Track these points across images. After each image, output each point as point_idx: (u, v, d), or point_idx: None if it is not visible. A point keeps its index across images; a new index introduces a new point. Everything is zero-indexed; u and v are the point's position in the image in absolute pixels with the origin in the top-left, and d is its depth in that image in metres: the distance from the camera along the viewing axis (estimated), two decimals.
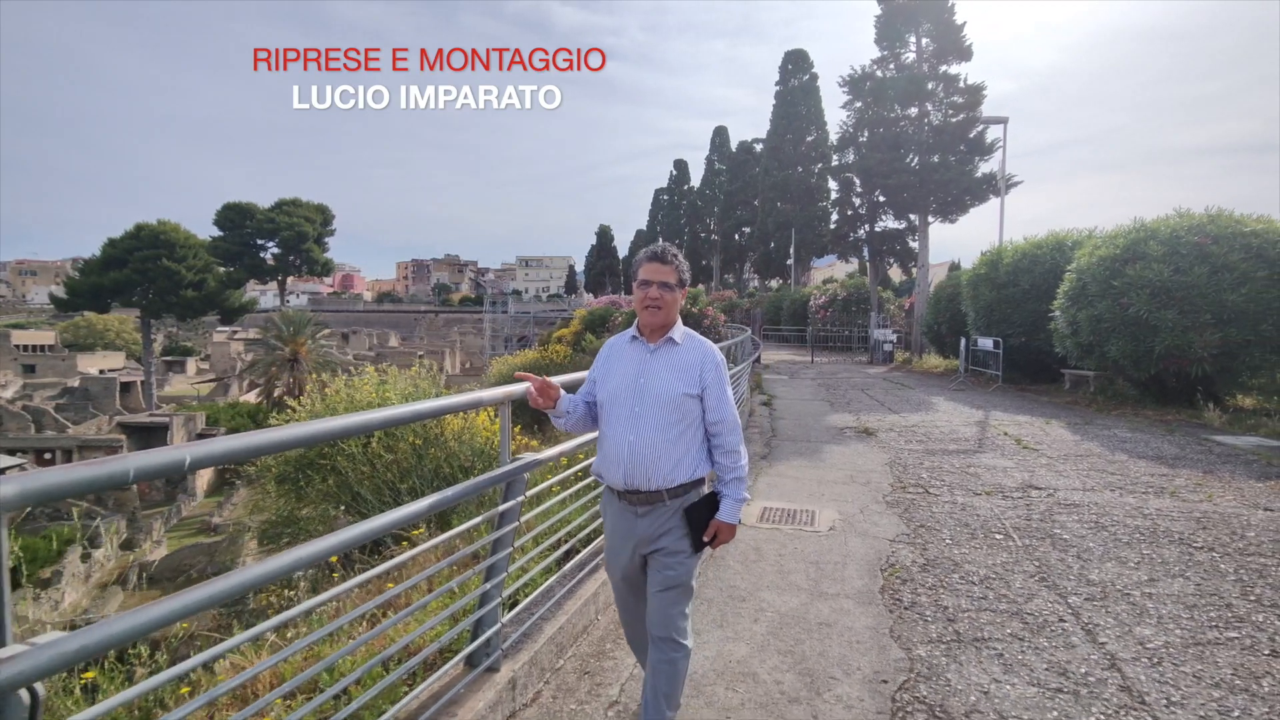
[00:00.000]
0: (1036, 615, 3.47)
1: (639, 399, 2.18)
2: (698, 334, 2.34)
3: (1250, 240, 9.47)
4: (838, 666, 3.00)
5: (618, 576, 2.34)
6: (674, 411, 2.16)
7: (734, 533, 2.26)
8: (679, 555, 2.19)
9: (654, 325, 2.23)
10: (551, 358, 19.85)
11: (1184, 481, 6.17)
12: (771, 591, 3.83)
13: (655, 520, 2.19)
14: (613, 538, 2.31)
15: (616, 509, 2.28)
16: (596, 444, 2.34)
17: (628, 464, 2.16)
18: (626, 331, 2.35)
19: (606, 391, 2.27)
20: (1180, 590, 3.75)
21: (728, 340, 11.63)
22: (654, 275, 2.19)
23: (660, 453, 2.14)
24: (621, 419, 2.19)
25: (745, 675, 2.93)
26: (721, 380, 2.23)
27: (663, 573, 2.19)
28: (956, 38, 22.52)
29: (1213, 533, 4.71)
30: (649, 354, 2.24)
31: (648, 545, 2.21)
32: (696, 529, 2.19)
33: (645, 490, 2.17)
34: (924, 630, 3.33)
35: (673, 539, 2.19)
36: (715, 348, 2.30)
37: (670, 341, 2.24)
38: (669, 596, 2.18)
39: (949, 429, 9.18)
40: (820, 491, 6.04)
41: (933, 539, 4.71)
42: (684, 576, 2.19)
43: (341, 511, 5.46)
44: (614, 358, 2.32)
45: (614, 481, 2.22)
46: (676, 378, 2.19)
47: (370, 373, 6.70)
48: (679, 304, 2.25)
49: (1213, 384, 10.17)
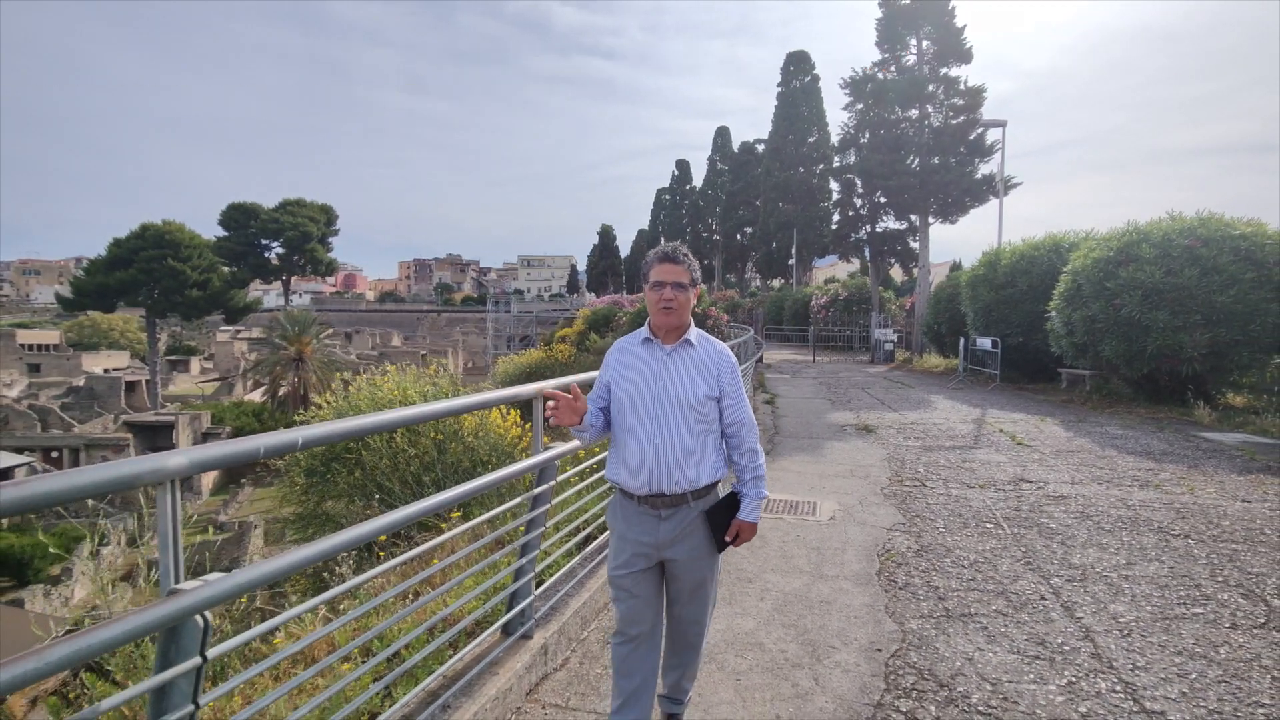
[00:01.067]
0: (1020, 594, 3.77)
1: (660, 402, 2.17)
2: (709, 335, 2.37)
3: (1239, 243, 9.75)
4: (837, 638, 3.30)
5: (626, 585, 2.23)
6: (696, 414, 2.17)
7: (755, 531, 2.28)
8: (703, 558, 2.21)
9: (669, 326, 2.22)
10: (556, 357, 20.17)
11: (1168, 475, 6.46)
12: (776, 574, 4.14)
13: (678, 523, 2.18)
14: (626, 543, 2.24)
15: (634, 513, 2.23)
16: (610, 448, 2.31)
17: (652, 468, 2.14)
18: (637, 333, 2.33)
19: (623, 394, 2.23)
20: (1154, 573, 4.05)
21: (732, 340, 11.93)
22: (667, 276, 2.18)
23: (685, 455, 2.14)
24: (643, 422, 2.17)
25: (753, 645, 3.23)
26: (737, 381, 2.26)
27: (689, 576, 2.22)
28: (956, 40, 22.77)
29: (1190, 522, 5.00)
30: (665, 356, 2.23)
31: (669, 549, 2.20)
32: (718, 529, 2.22)
33: (670, 494, 2.16)
34: (916, 607, 3.63)
35: (695, 541, 2.20)
36: (728, 349, 2.34)
37: (687, 343, 2.24)
38: (700, 598, 2.25)
39: (946, 426, 9.47)
40: (821, 485, 6.34)
41: (927, 528, 5.00)
42: (710, 575, 2.25)
43: (364, 505, 5.76)
44: (627, 360, 2.29)
45: (635, 486, 2.18)
46: (697, 380, 2.19)
47: (391, 371, 7.01)
48: (692, 304, 2.24)
49: (1203, 382, 10.45)
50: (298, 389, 36.27)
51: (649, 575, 2.24)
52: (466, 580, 2.84)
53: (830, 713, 2.67)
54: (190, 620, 1.37)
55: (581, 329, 28.67)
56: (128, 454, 34.30)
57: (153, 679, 1.36)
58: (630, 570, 2.22)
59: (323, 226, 64.23)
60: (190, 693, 1.42)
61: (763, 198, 40.06)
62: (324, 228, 64.46)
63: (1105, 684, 2.83)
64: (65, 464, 33.12)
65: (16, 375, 46.74)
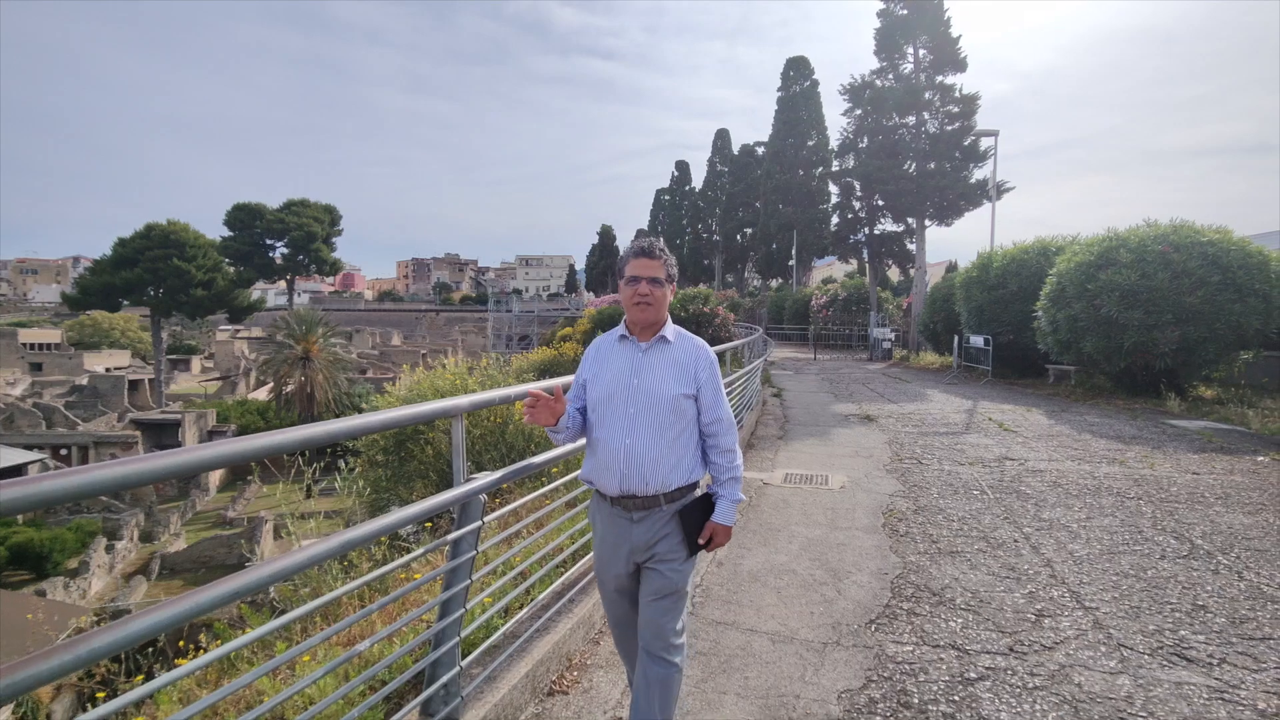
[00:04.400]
0: (998, 539, 4.68)
1: (633, 400, 2.12)
2: (688, 331, 2.30)
3: (1207, 249, 10.69)
4: (852, 566, 4.20)
5: (610, 587, 2.24)
6: (670, 413, 2.11)
7: (730, 535, 2.20)
8: (673, 561, 2.13)
9: (644, 323, 2.17)
10: (565, 354, 21.05)
11: (1134, 454, 7.38)
12: (800, 526, 5.04)
13: (651, 526, 2.13)
14: (603, 547, 2.23)
15: (608, 515, 2.20)
16: (586, 448, 2.27)
17: (624, 468, 2.10)
18: (613, 331, 2.28)
19: (598, 393, 2.19)
20: (1107, 524, 4.96)
21: (739, 340, 12.80)
22: (642, 271, 2.14)
23: (658, 456, 2.10)
24: (616, 421, 2.13)
25: (787, 571, 4.13)
26: (715, 379, 2.19)
27: (657, 580, 2.13)
28: (952, 50, 23.72)
29: (1144, 489, 5.92)
30: (641, 353, 2.18)
31: (643, 553, 2.15)
32: (691, 532, 2.14)
33: (642, 495, 2.11)
34: (914, 547, 4.54)
35: (668, 544, 2.14)
36: (707, 346, 2.26)
37: (662, 340, 2.19)
38: (663, 605, 2.12)
39: (941, 416, 10.39)
40: (831, 462, 7.24)
41: (923, 494, 5.91)
42: (679, 583, 2.14)
43: (438, 482, 6.63)
44: (603, 358, 2.25)
45: (608, 487, 2.15)
46: (672, 377, 2.14)
47: (449, 363, 7.89)
48: (668, 300, 2.20)
49: (1176, 376, 11.40)
50: (304, 387, 37.00)
51: (630, 586, 2.22)
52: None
53: (851, 611, 3.57)
54: (476, 499, 2.18)
55: (587, 328, 29.54)
56: (136, 451, 35.02)
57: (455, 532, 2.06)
58: (607, 575, 2.23)
59: (326, 227, 64.95)
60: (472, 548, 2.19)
61: (763, 199, 40.99)
62: (328, 228, 65.18)
63: (1057, 592, 3.74)
64: (74, 461, 33.79)
65: (19, 374, 47.32)
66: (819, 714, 2.64)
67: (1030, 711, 2.61)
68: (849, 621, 3.44)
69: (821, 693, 2.79)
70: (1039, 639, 3.20)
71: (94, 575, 23.89)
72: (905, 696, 2.74)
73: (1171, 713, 2.60)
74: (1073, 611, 3.49)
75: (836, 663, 3.02)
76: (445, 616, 2.27)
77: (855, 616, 3.50)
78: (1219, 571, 4.01)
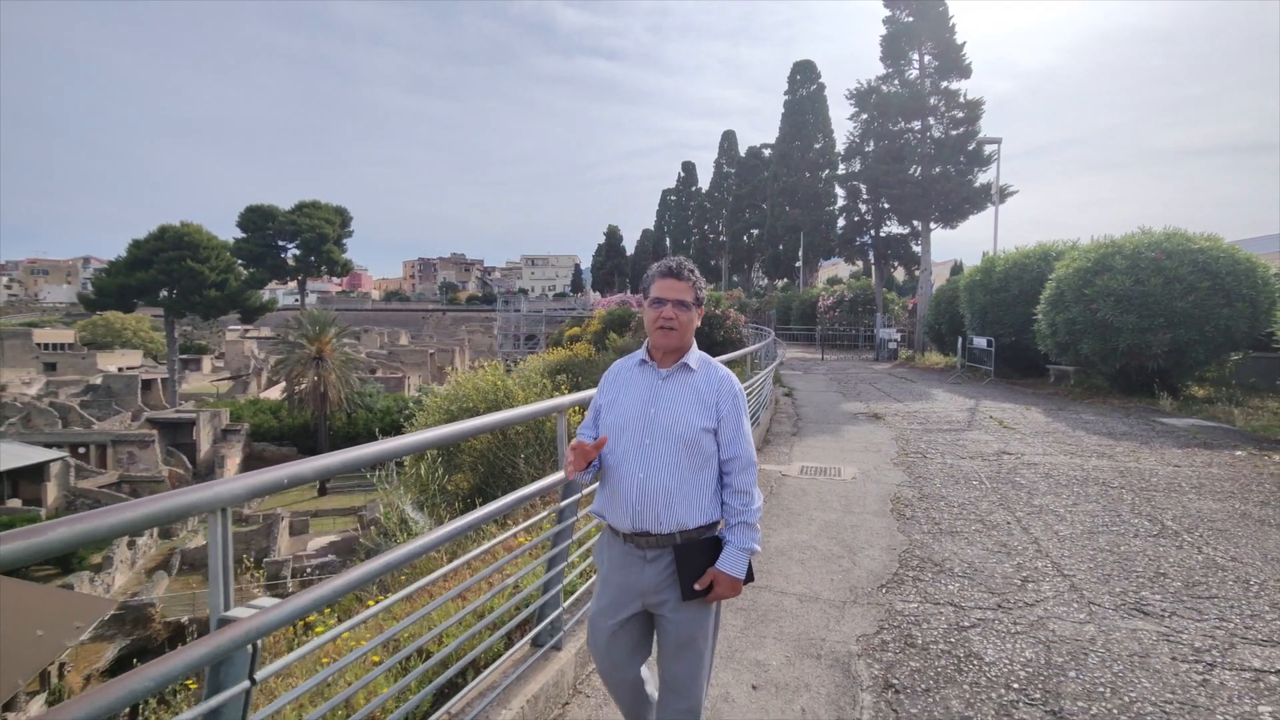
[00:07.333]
0: (992, 522, 5.31)
1: (648, 431, 1.98)
2: (714, 359, 2.15)
3: (1197, 256, 11.27)
4: (865, 543, 4.85)
5: (611, 624, 2.03)
6: (688, 447, 1.96)
7: (737, 590, 1.96)
8: (693, 610, 1.97)
9: (667, 347, 2.03)
10: (579, 354, 21.71)
11: (1123, 449, 7.99)
12: (817, 510, 5.69)
13: (665, 568, 1.98)
14: (610, 586, 2.06)
15: (619, 553, 2.05)
16: (600, 481, 2.11)
17: (636, 504, 1.96)
18: (634, 354, 2.14)
19: (612, 421, 2.05)
20: (1091, 509, 5.59)
21: (751, 344, 13.38)
22: (669, 293, 2.01)
23: (673, 493, 1.95)
24: (629, 454, 1.99)
25: (808, 547, 4.78)
26: (739, 412, 2.03)
27: (676, 630, 1.97)
28: (957, 56, 24.29)
29: (1128, 479, 6.54)
30: (660, 380, 2.04)
31: (654, 595, 1.99)
32: (686, 572, 1.94)
33: (656, 534, 1.97)
34: (919, 528, 5.18)
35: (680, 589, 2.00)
36: (733, 376, 2.09)
37: (685, 367, 2.05)
38: (688, 657, 1.97)
39: (945, 414, 11.01)
40: (842, 456, 7.88)
41: (927, 484, 6.54)
42: (693, 631, 1.97)
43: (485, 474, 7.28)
44: (621, 384, 2.11)
45: (620, 523, 2.01)
46: (692, 409, 1.99)
47: (488, 366, 8.55)
48: (695, 325, 2.06)
49: (1168, 376, 11.99)
50: (318, 386, 37.76)
51: (629, 629, 2.05)
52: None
53: (865, 578, 4.22)
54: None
55: (598, 329, 30.23)
56: (153, 450, 35.84)
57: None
58: (610, 620, 2.04)
59: (338, 228, 65.81)
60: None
61: (770, 201, 41.58)
62: (339, 229, 66.04)
63: (1041, 564, 4.38)
64: (92, 459, 34.64)
65: (34, 374, 48.27)
66: (842, 650, 3.29)
67: (1011, 648, 3.26)
68: (863, 586, 4.09)
69: (843, 636, 3.44)
70: (1022, 598, 3.84)
71: (117, 570, 24.75)
72: (910, 639, 3.38)
73: (1125, 650, 3.23)
74: (1053, 578, 4.13)
75: (854, 616, 3.67)
76: (552, 568, 2.90)
77: (868, 582, 4.14)
78: (1182, 547, 4.64)
